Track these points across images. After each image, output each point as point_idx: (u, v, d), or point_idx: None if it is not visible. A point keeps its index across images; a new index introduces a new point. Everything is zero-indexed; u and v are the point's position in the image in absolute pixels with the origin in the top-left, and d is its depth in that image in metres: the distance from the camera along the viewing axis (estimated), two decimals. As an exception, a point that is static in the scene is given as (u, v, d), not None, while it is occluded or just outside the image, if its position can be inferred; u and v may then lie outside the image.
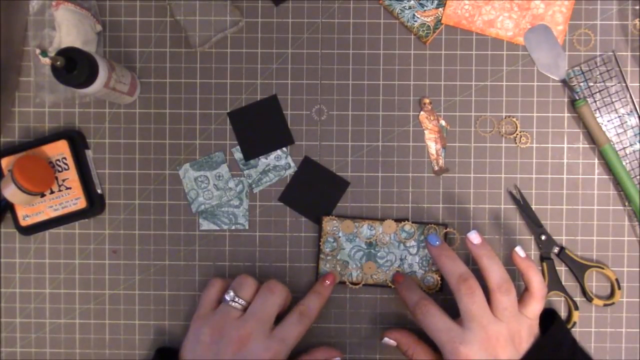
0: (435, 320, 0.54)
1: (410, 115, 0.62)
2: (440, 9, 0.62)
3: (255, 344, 0.54)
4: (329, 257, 0.62)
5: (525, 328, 0.54)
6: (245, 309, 0.56)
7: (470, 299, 0.53)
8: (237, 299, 0.55)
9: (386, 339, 0.58)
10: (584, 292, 0.61)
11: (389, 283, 0.61)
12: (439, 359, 0.56)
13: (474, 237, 0.55)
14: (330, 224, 0.62)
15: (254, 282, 0.57)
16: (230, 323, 0.54)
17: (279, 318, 0.57)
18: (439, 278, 0.61)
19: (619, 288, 0.61)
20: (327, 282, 0.60)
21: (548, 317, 0.57)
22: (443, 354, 0.53)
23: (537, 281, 0.55)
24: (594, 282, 0.62)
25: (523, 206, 0.61)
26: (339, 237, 0.62)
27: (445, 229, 0.61)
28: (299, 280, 0.62)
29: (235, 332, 0.54)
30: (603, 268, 0.61)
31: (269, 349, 0.54)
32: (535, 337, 0.54)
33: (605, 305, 0.61)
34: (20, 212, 0.61)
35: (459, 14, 0.62)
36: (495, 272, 0.54)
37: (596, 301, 0.61)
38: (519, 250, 0.56)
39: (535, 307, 0.55)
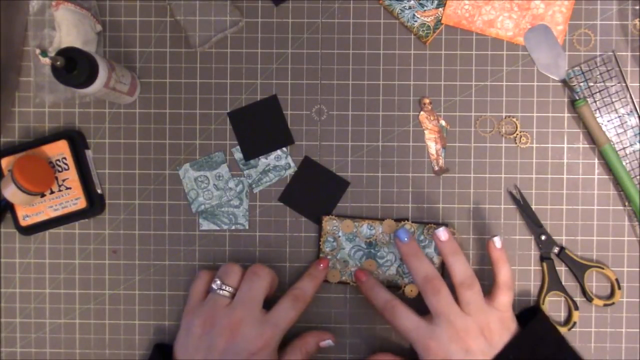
0: (404, 320, 0.55)
1: (410, 115, 0.62)
2: (440, 9, 0.62)
3: (248, 330, 0.54)
4: (329, 257, 0.62)
5: (494, 320, 0.54)
6: (233, 296, 0.56)
7: (436, 298, 0.54)
8: (224, 287, 0.56)
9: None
10: (584, 292, 0.61)
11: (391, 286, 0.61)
12: None
13: (442, 234, 0.56)
14: (330, 224, 0.62)
15: (240, 268, 0.57)
16: (220, 311, 0.54)
17: (269, 301, 0.57)
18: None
19: (619, 288, 0.61)
20: (321, 265, 0.60)
21: (533, 314, 0.58)
22: (417, 352, 0.54)
23: (504, 273, 0.56)
24: (594, 282, 0.62)
25: (523, 206, 0.61)
26: (339, 236, 0.62)
27: (445, 229, 0.61)
28: (299, 280, 0.62)
29: (226, 319, 0.54)
30: (603, 268, 0.61)
31: (262, 334, 0.54)
32: (510, 330, 0.55)
33: (605, 305, 0.61)
34: (20, 212, 0.61)
35: (459, 14, 0.62)
36: (458, 268, 0.55)
37: (596, 301, 0.61)
38: (496, 240, 0.57)
39: (503, 299, 0.56)
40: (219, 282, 0.56)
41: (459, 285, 0.55)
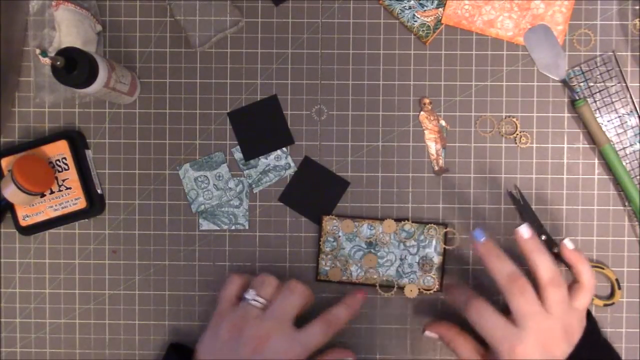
0: (490, 319, 0.53)
1: (410, 115, 0.62)
2: (440, 9, 0.62)
3: (276, 344, 0.53)
4: (329, 257, 0.62)
5: (576, 320, 0.54)
6: (265, 308, 0.55)
7: (523, 299, 0.52)
8: (257, 298, 0.55)
9: (427, 333, 0.58)
10: (584, 292, 0.61)
11: (378, 290, 0.61)
12: (481, 349, 0.56)
13: (525, 231, 0.54)
14: (330, 224, 0.62)
15: (275, 280, 0.57)
16: (250, 322, 0.54)
17: (301, 317, 0.56)
18: (438, 279, 0.61)
19: (619, 288, 0.61)
20: (359, 296, 0.59)
21: None
22: (497, 353, 0.53)
23: (587, 272, 0.55)
24: (594, 282, 0.62)
25: (523, 206, 0.61)
26: (339, 236, 0.62)
27: (445, 228, 0.61)
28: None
29: (255, 331, 0.54)
30: (603, 268, 0.61)
31: (289, 351, 0.54)
32: (583, 328, 0.54)
33: (605, 305, 0.61)
34: (20, 212, 0.61)
35: (459, 14, 0.62)
36: (545, 266, 0.53)
37: (596, 301, 0.61)
38: (567, 242, 0.56)
39: (585, 299, 0.55)
40: (253, 292, 0.55)
41: (547, 284, 0.53)
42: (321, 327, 0.56)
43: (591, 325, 0.55)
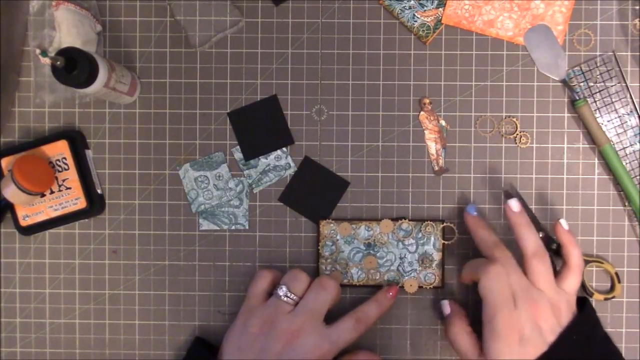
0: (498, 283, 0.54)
1: (410, 115, 0.62)
2: (440, 9, 0.62)
3: (307, 340, 0.54)
4: (328, 261, 0.62)
5: (564, 301, 0.54)
6: (296, 304, 0.56)
7: (497, 267, 0.54)
8: (290, 295, 0.56)
9: (444, 302, 0.60)
10: (584, 288, 0.61)
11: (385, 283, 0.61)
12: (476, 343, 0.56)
13: (514, 205, 0.56)
14: (327, 228, 0.61)
15: (307, 277, 0.57)
16: (282, 317, 0.55)
17: (329, 313, 0.57)
18: (439, 275, 0.61)
19: (619, 281, 0.61)
20: (390, 293, 0.59)
21: (578, 303, 0.57)
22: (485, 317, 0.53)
23: (576, 254, 0.56)
24: (594, 281, 0.62)
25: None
26: (337, 240, 0.62)
27: (443, 223, 0.61)
28: (299, 280, 0.62)
29: (287, 325, 0.54)
30: (602, 262, 0.61)
31: (320, 347, 0.54)
32: (573, 312, 0.55)
33: (605, 299, 0.61)
34: (20, 212, 0.61)
35: (459, 14, 0.62)
36: (531, 239, 0.55)
37: (597, 295, 0.61)
38: (563, 222, 0.57)
39: (573, 281, 0.55)
40: (285, 289, 0.56)
41: (531, 255, 0.54)
42: (351, 323, 0.56)
43: (587, 316, 0.55)
